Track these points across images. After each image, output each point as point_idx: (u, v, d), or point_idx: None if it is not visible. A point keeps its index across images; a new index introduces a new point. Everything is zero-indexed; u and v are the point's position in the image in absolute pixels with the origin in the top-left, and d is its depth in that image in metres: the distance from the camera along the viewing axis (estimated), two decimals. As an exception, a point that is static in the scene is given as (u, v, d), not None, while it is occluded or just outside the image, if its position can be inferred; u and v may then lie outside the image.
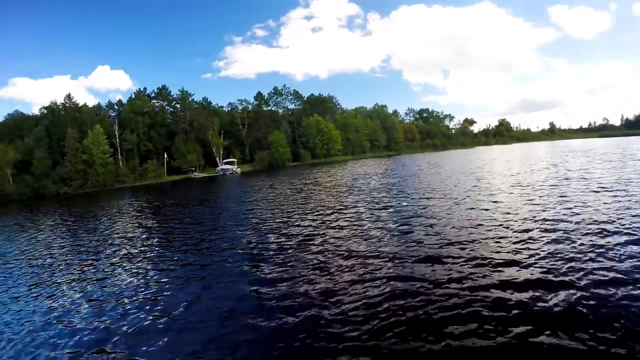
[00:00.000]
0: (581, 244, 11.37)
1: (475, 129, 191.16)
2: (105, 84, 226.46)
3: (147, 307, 10.17)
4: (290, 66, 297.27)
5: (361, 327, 7.79)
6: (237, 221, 22.29)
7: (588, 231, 12.70)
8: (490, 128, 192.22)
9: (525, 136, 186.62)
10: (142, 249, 17.82)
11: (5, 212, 48.47)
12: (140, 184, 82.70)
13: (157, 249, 17.54)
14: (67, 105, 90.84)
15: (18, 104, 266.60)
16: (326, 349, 7.21)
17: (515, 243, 12.17)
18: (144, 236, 21.11)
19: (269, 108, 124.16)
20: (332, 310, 8.66)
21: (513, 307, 7.91)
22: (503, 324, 7.33)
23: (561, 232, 12.89)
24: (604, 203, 17.18)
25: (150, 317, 9.46)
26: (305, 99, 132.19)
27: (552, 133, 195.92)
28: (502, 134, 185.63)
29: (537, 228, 13.72)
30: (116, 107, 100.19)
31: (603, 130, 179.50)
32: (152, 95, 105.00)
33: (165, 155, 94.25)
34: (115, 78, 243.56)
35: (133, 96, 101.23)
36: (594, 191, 20.59)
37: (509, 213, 16.71)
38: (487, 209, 17.96)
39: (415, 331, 7.43)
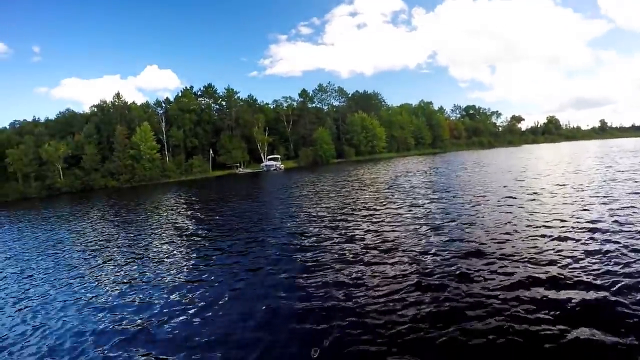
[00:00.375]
0: (624, 246, 10.76)
1: (523, 126, 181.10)
2: (153, 83, 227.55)
3: (190, 295, 10.40)
4: (336, 63, 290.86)
5: (393, 320, 7.78)
6: (278, 215, 22.48)
7: (630, 234, 11.92)
8: (539, 126, 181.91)
9: (575, 134, 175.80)
10: (187, 240, 18.20)
11: (57, 204, 49.65)
12: (185, 179, 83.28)
13: (201, 240, 17.77)
14: (116, 103, 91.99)
15: (69, 103, 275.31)
16: (357, 340, 7.23)
17: (551, 243, 11.75)
18: (189, 228, 21.51)
19: (313, 105, 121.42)
20: (363, 301, 8.77)
21: (542, 305, 7.73)
22: (531, 322, 7.18)
23: (600, 233, 12.26)
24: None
25: (193, 304, 9.71)
26: (349, 95, 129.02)
27: (603, 131, 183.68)
28: (551, 131, 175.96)
29: (577, 229, 13.09)
30: (164, 105, 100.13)
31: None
32: (199, 93, 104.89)
33: (211, 151, 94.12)
34: (164, 77, 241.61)
35: (180, 94, 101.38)
36: (641, 193, 20.05)
37: (550, 213, 16.04)
38: (527, 209, 17.39)
39: (442, 326, 7.37)
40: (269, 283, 10.66)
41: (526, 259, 10.36)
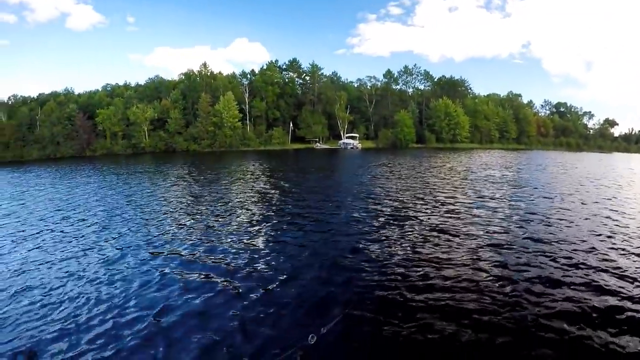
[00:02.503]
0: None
1: (616, 131, 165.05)
2: (242, 55, 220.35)
3: (247, 268, 10.32)
4: (425, 46, 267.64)
5: (443, 311, 7.88)
6: (347, 194, 22.58)
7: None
8: (633, 133, 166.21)
9: None
10: (254, 208, 18.29)
11: (140, 162, 52.21)
12: (264, 149, 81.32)
13: (266, 211, 17.65)
14: (203, 72, 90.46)
15: (160, 70, 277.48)
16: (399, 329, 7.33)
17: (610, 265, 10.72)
18: (258, 196, 21.81)
19: (397, 87, 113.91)
20: (412, 294, 8.71)
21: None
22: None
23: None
24: None
25: (251, 277, 9.76)
26: (435, 80, 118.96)
27: None
28: None
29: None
30: (249, 76, 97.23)
31: None
32: (284, 67, 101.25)
33: (291, 124, 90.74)
34: (253, 50, 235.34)
35: (264, 67, 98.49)
36: None
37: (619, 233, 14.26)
38: (598, 223, 15.83)
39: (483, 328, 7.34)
40: (326, 266, 10.52)
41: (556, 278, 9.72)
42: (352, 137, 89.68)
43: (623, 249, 12.18)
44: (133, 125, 79.11)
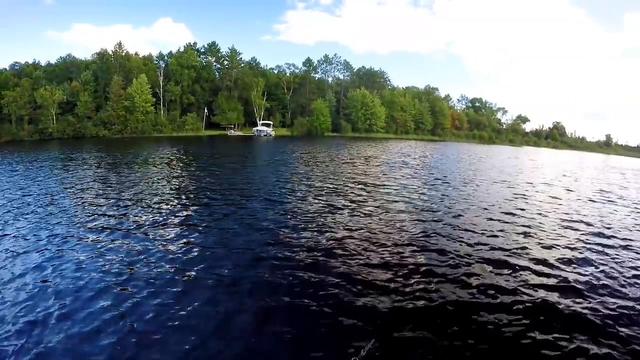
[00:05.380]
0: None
1: (528, 127, 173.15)
2: (165, 36, 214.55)
3: (158, 253, 11.01)
4: (350, 37, 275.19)
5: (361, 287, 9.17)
6: (249, 181, 24.33)
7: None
8: (543, 129, 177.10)
9: (578, 145, 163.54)
10: (167, 197, 18.90)
11: (47, 148, 49.54)
12: (177, 135, 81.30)
13: (179, 199, 18.44)
14: (117, 53, 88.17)
15: (78, 49, 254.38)
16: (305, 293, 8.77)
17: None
18: (170, 185, 22.37)
19: (317, 75, 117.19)
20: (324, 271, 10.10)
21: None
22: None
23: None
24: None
25: (164, 262, 10.42)
26: (355, 70, 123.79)
27: (608, 147, 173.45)
28: (555, 137, 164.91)
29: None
30: (166, 59, 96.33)
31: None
32: (202, 50, 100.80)
33: (206, 110, 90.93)
34: (176, 31, 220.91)
35: (182, 49, 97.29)
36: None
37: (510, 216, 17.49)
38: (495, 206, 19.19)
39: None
40: (238, 246, 11.74)
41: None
42: (266, 125, 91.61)
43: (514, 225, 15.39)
44: (40, 109, 75.15)
